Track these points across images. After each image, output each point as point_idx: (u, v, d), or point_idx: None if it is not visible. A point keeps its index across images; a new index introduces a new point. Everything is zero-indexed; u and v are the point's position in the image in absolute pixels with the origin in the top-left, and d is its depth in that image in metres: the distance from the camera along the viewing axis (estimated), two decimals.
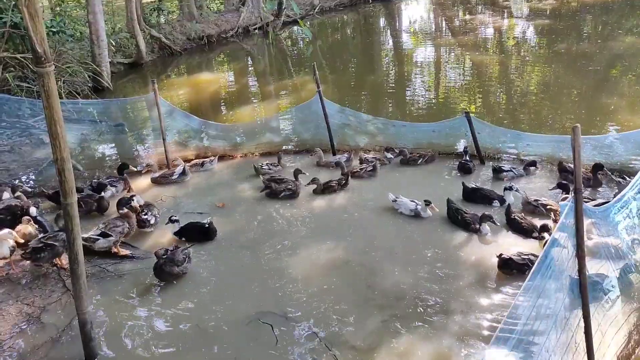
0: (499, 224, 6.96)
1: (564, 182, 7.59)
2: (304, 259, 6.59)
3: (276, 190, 8.26)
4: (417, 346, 5.08)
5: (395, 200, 7.61)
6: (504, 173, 8.40)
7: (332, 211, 7.83)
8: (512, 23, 24.37)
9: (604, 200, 6.78)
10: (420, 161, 9.15)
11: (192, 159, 10.10)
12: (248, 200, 8.35)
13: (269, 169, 9.22)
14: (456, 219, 7.11)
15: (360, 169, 8.97)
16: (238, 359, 4.99)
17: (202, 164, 9.68)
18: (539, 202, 7.32)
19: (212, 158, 9.88)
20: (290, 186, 8.29)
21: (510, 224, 6.99)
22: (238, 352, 5.09)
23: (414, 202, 7.47)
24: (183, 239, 7.17)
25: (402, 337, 5.19)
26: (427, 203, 7.36)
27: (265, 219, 7.70)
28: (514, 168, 8.54)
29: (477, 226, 6.90)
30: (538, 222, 6.81)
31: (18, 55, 13.90)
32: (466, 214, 7.08)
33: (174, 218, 7.23)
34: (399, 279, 6.09)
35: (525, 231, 6.78)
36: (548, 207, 7.19)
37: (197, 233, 7.13)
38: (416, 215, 7.40)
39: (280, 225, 7.49)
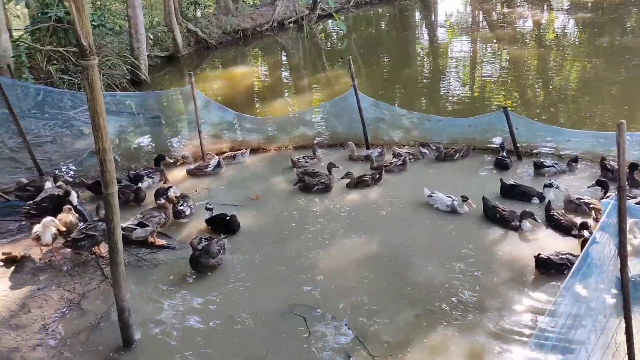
0: (540, 220, 6.81)
1: (603, 179, 7.38)
2: (337, 253, 6.60)
3: (309, 184, 8.28)
4: (450, 342, 5.03)
5: (431, 196, 7.53)
6: (546, 169, 8.21)
7: (365, 205, 7.81)
8: (552, 16, 23.74)
9: None
10: (456, 156, 9.03)
11: (226, 152, 10.21)
12: (281, 193, 8.40)
13: (306, 162, 9.26)
14: (494, 216, 6.98)
15: (390, 163, 8.91)
16: (271, 350, 5.03)
17: (234, 157, 9.78)
18: (582, 200, 7.11)
19: (244, 150, 9.97)
20: (323, 180, 8.29)
21: (549, 221, 6.84)
22: (270, 343, 5.13)
23: (450, 197, 7.39)
24: (209, 227, 7.29)
25: (435, 333, 5.15)
26: (464, 199, 7.26)
27: (298, 212, 7.74)
28: (556, 164, 8.34)
29: (518, 223, 6.77)
30: (579, 221, 6.64)
31: (61, 49, 14.30)
32: (504, 211, 6.95)
33: (209, 206, 7.36)
34: (432, 274, 6.03)
35: (564, 229, 6.62)
36: (591, 205, 6.99)
37: (220, 225, 7.20)
38: (452, 211, 7.31)
39: (313, 219, 7.51)
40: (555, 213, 6.81)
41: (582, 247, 5.93)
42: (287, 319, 5.44)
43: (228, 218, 7.18)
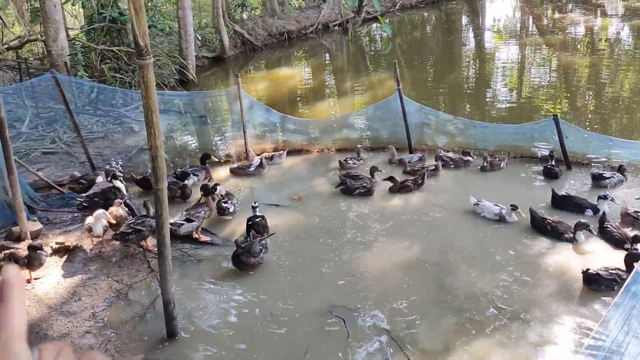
0: (595, 232, 6.59)
1: None
2: (378, 256, 6.59)
3: (351, 187, 8.27)
4: (490, 352, 4.94)
5: (478, 204, 7.40)
6: (606, 180, 7.89)
7: (407, 210, 7.76)
8: (605, 23, 23.00)
9: None
10: (502, 165, 8.83)
11: (263, 152, 10.34)
12: (323, 195, 8.44)
13: (354, 163, 9.32)
14: (544, 228, 6.76)
15: (422, 167, 8.86)
16: (310, 349, 5.07)
17: (272, 158, 9.85)
18: None
19: (281, 152, 10.03)
20: (365, 184, 8.28)
21: (602, 233, 6.62)
22: (310, 342, 5.17)
23: (498, 205, 7.24)
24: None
25: (476, 341, 5.07)
26: (514, 208, 7.10)
27: (340, 214, 7.76)
28: (614, 174, 8.05)
29: (571, 235, 6.56)
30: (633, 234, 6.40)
31: (114, 48, 14.81)
32: (554, 222, 6.75)
33: (254, 204, 7.44)
34: (475, 282, 5.95)
35: (617, 242, 6.40)
36: None
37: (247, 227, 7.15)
38: (500, 220, 7.16)
39: (355, 222, 7.52)
40: (608, 225, 6.59)
41: (626, 261, 5.74)
42: (326, 320, 5.48)
43: (249, 223, 7.09)
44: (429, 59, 19.78)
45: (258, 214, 7.29)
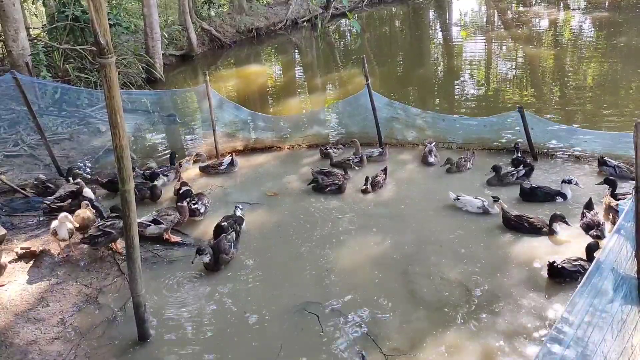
0: (570, 224, 6.64)
1: (612, 178, 7.30)
2: (351, 252, 6.61)
3: (322, 185, 8.26)
4: (463, 342, 5.01)
5: (458, 199, 7.40)
6: (607, 167, 7.93)
7: (380, 206, 7.80)
8: (568, 16, 23.52)
9: None
10: (468, 165, 8.77)
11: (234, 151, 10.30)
12: (295, 192, 8.42)
13: (334, 152, 9.52)
14: (522, 225, 6.75)
15: (348, 160, 9.04)
16: (285, 347, 5.07)
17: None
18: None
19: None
20: (337, 181, 8.27)
21: (581, 219, 6.70)
22: (284, 340, 5.17)
23: (479, 199, 7.28)
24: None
25: (448, 333, 5.14)
26: (496, 199, 7.15)
27: (313, 211, 7.76)
28: (618, 166, 7.93)
29: (549, 228, 6.61)
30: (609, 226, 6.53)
31: (78, 47, 14.47)
32: (530, 218, 6.77)
33: (237, 207, 7.41)
34: (447, 275, 6.01)
35: (587, 227, 6.53)
36: None
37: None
38: (484, 213, 7.18)
39: (327, 218, 7.53)
40: (586, 212, 6.68)
41: (587, 251, 5.85)
42: (300, 317, 5.47)
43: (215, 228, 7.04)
44: (398, 53, 19.91)
45: (238, 214, 7.24)
